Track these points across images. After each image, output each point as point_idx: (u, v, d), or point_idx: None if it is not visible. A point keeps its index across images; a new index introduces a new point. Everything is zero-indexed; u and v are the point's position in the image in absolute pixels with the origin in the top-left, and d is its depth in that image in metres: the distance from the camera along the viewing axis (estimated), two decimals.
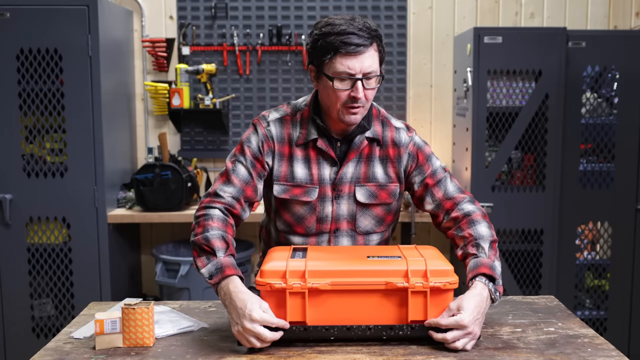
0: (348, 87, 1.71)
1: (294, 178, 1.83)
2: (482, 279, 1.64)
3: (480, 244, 1.71)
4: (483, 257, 1.69)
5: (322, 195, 1.84)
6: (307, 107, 1.86)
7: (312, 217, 1.85)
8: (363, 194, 1.85)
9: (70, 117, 3.25)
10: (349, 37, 1.68)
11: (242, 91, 3.87)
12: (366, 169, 1.85)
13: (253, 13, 3.81)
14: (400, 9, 3.83)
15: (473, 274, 1.65)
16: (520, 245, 3.45)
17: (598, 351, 1.56)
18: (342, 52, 1.68)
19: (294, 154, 1.84)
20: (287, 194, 1.84)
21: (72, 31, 3.19)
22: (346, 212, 1.85)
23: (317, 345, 1.58)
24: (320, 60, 1.73)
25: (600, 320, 3.49)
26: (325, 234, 1.87)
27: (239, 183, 1.80)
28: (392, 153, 1.87)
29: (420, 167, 1.88)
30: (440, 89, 3.92)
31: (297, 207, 1.85)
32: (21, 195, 3.27)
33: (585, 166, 3.41)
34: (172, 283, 3.42)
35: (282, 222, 1.89)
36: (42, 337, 3.36)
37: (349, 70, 1.70)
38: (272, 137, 1.84)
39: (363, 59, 1.69)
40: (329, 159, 1.83)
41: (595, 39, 3.34)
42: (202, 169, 3.77)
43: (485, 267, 1.66)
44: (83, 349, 1.60)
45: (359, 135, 1.83)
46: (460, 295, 1.61)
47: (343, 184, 1.84)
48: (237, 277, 1.62)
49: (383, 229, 1.91)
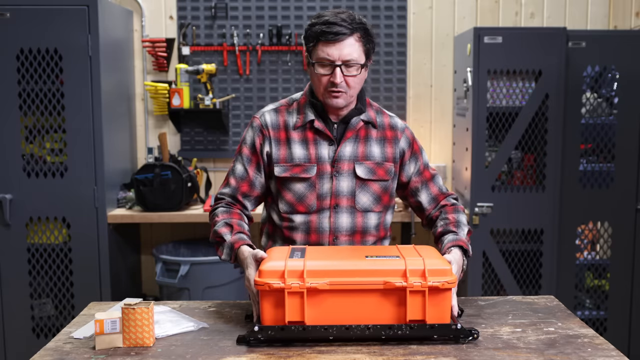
0: (328, 72, 1.84)
1: (292, 159, 1.93)
2: (459, 250, 1.85)
3: (460, 226, 1.95)
4: (462, 235, 1.92)
5: (320, 173, 1.92)
6: (304, 95, 1.98)
7: (312, 195, 1.92)
8: (363, 170, 1.93)
9: (70, 117, 3.25)
10: (330, 27, 1.80)
11: (242, 91, 3.87)
12: (364, 148, 1.95)
13: (253, 13, 3.82)
14: (400, 9, 3.83)
15: (452, 244, 1.87)
16: (520, 245, 3.45)
17: (598, 351, 1.56)
18: (323, 39, 1.82)
19: (290, 137, 1.94)
20: (287, 173, 1.92)
21: (72, 31, 3.19)
22: (346, 188, 1.93)
23: (317, 345, 1.59)
24: (308, 48, 1.88)
25: (600, 320, 3.49)
26: (326, 210, 1.93)
27: (235, 182, 1.97)
28: (389, 135, 1.98)
29: (415, 155, 2.01)
30: (440, 89, 3.92)
31: (297, 185, 1.92)
32: (21, 195, 3.27)
33: (585, 166, 3.40)
34: (172, 283, 3.42)
35: (284, 202, 1.95)
36: (42, 337, 3.36)
37: (328, 57, 1.82)
38: (266, 125, 1.95)
39: (342, 46, 1.81)
40: (327, 138, 1.93)
41: (595, 39, 3.34)
42: (202, 169, 3.77)
43: (463, 242, 1.88)
44: (83, 349, 1.61)
45: (355, 117, 1.94)
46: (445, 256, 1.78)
47: (342, 162, 1.92)
48: (245, 245, 1.80)
49: (380, 208, 1.98)
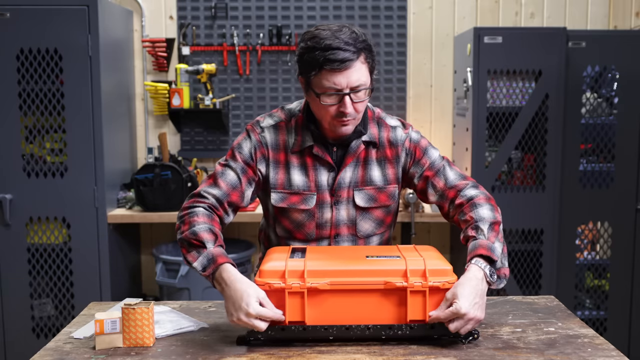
0: (336, 102, 1.68)
1: (291, 185, 1.81)
2: (478, 261, 1.60)
3: (479, 226, 1.67)
4: (482, 239, 1.64)
5: (320, 202, 1.81)
6: (301, 114, 1.82)
7: (311, 224, 1.83)
8: (362, 197, 1.83)
9: (70, 117, 3.25)
10: (334, 53, 1.62)
11: (242, 91, 3.87)
12: (364, 173, 1.82)
13: (253, 13, 3.81)
14: (400, 9, 3.83)
15: (470, 256, 1.61)
16: (520, 245, 3.45)
17: (598, 351, 1.56)
18: (327, 68, 1.64)
19: (290, 160, 1.81)
20: (285, 203, 1.81)
21: (72, 31, 3.19)
22: (346, 217, 1.83)
23: (317, 345, 1.58)
24: (307, 75, 1.69)
25: (600, 320, 3.49)
26: (325, 239, 1.85)
27: (225, 187, 1.77)
28: (389, 154, 1.84)
29: (418, 162, 1.84)
30: (440, 89, 3.92)
31: (295, 214, 1.82)
32: (21, 195, 3.27)
33: (585, 166, 3.40)
34: (172, 283, 3.42)
35: (282, 228, 1.87)
36: (42, 337, 3.36)
37: (335, 86, 1.65)
38: (266, 144, 1.81)
39: (349, 74, 1.64)
40: (326, 164, 1.81)
41: (595, 39, 3.34)
42: (202, 169, 3.77)
43: (482, 248, 1.61)
44: (83, 349, 1.60)
45: (356, 140, 1.80)
46: (455, 282, 1.56)
47: (341, 189, 1.81)
48: (230, 264, 1.61)
49: (383, 230, 1.90)
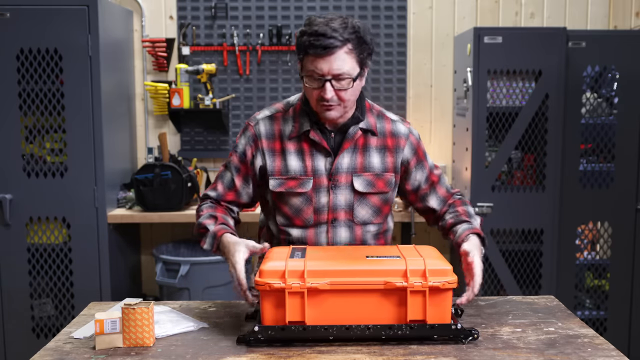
0: (317, 86, 1.74)
1: (287, 171, 1.86)
2: (477, 238, 1.82)
3: (473, 217, 1.93)
4: (476, 225, 1.89)
5: (317, 186, 1.85)
6: (300, 102, 1.89)
7: (309, 209, 1.86)
8: (361, 183, 1.86)
9: (70, 117, 3.25)
10: (319, 39, 1.69)
11: (242, 91, 3.87)
12: (362, 159, 1.87)
13: (253, 13, 3.81)
14: (400, 9, 3.83)
15: (470, 232, 1.84)
16: (520, 245, 3.45)
17: (598, 351, 1.56)
18: (311, 52, 1.71)
19: (286, 147, 1.86)
20: (282, 187, 1.86)
21: (72, 31, 3.19)
22: (343, 202, 1.87)
23: (317, 345, 1.58)
24: (299, 57, 1.79)
25: (600, 320, 3.49)
26: (323, 224, 1.88)
27: (222, 189, 1.93)
28: (390, 143, 1.89)
29: (421, 163, 1.94)
30: (440, 89, 3.92)
31: (293, 199, 1.86)
32: (21, 195, 3.27)
33: (585, 166, 3.40)
34: (172, 283, 3.42)
35: (281, 215, 1.90)
36: (42, 337, 3.36)
37: (317, 71, 1.72)
38: (259, 135, 1.89)
39: (332, 60, 1.70)
40: (323, 150, 1.85)
41: (595, 39, 3.33)
42: (202, 169, 3.77)
43: (479, 230, 1.86)
44: (83, 349, 1.61)
45: (353, 126, 1.85)
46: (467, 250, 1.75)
47: (339, 174, 1.85)
48: (228, 233, 1.78)
49: (380, 220, 1.93)
